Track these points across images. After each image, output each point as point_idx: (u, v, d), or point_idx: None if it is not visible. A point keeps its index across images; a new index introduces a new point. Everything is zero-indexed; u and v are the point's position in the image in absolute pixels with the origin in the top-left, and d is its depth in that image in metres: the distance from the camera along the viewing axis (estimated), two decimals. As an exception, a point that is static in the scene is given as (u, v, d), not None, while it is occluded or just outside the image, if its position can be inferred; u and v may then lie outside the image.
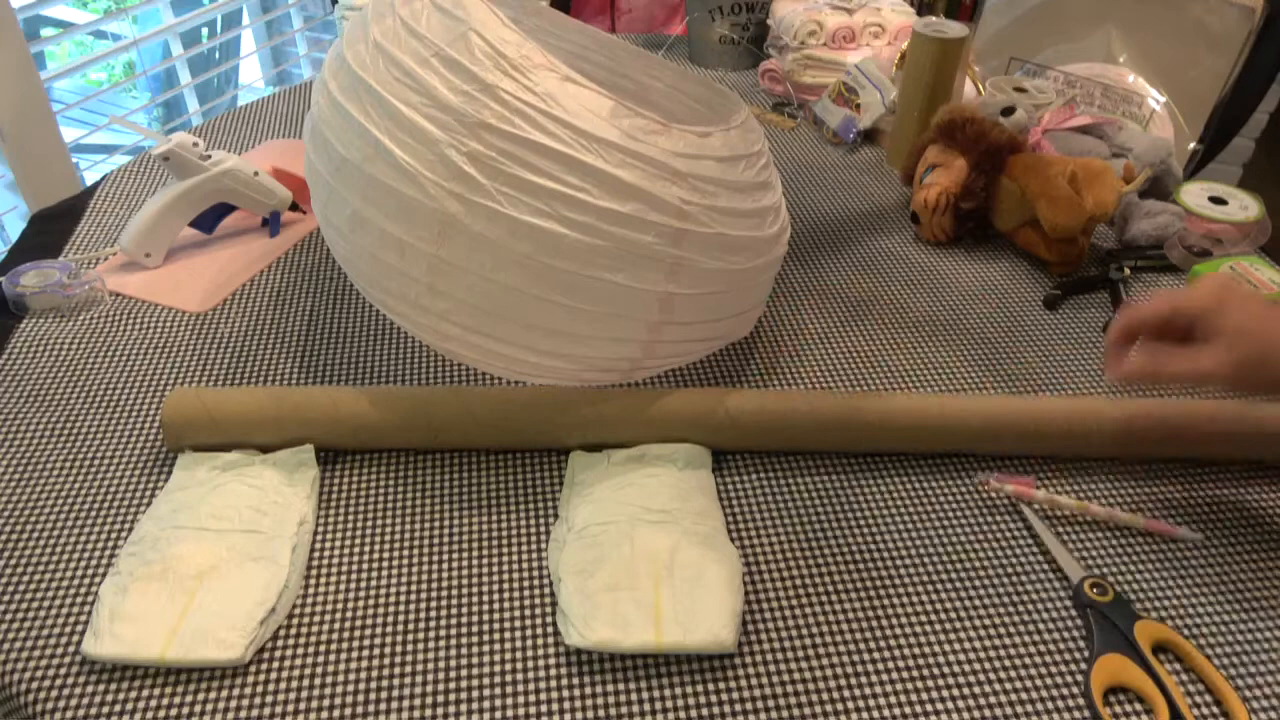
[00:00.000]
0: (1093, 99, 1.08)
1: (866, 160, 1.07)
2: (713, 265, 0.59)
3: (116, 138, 2.04)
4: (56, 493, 0.60)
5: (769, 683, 0.50)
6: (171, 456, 0.62)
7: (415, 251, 0.55)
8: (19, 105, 1.33)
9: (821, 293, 0.83)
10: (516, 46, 0.54)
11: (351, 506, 0.60)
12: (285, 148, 1.02)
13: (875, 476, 0.63)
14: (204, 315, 0.77)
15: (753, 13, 1.26)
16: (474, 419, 0.62)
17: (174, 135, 0.79)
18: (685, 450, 0.62)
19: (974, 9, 1.32)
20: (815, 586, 0.56)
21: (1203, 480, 0.64)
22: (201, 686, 0.49)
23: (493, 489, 0.61)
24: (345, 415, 0.61)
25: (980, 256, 0.89)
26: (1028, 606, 0.55)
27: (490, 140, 0.53)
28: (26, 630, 0.52)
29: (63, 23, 2.12)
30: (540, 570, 0.56)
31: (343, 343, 0.74)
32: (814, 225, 0.93)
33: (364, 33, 0.59)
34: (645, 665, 0.51)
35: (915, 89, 0.98)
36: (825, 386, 0.71)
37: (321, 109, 0.60)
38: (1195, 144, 1.07)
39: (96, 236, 0.87)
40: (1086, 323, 0.80)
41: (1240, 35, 1.01)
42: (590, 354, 0.60)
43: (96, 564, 0.56)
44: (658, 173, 0.55)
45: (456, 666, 0.51)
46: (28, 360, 0.71)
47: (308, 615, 0.53)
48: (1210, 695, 0.50)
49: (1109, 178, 0.82)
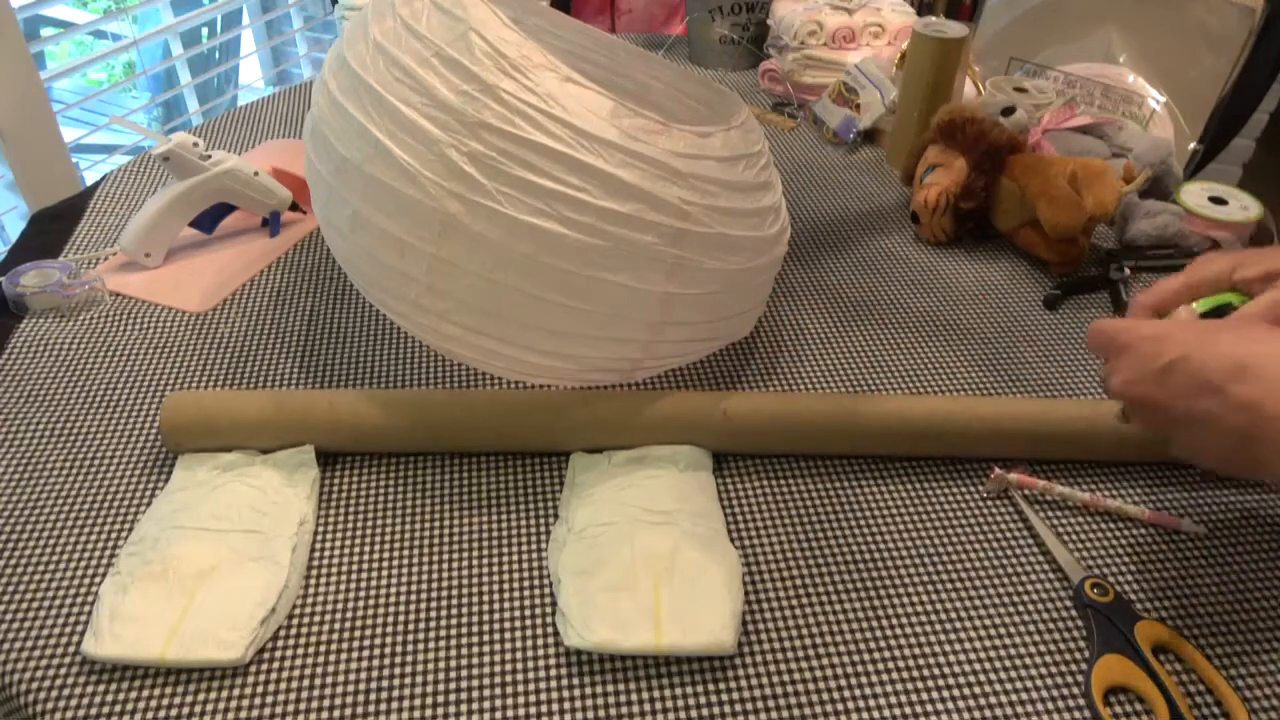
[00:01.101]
0: (1093, 99, 1.08)
1: (866, 160, 1.07)
2: (713, 265, 0.59)
3: (116, 138, 2.04)
4: (56, 493, 0.60)
5: (769, 683, 0.50)
6: (171, 456, 0.62)
7: (415, 251, 0.55)
8: (19, 105, 1.33)
9: (821, 293, 0.83)
10: (517, 46, 0.54)
11: (351, 507, 0.60)
12: (285, 148, 1.02)
13: (875, 477, 0.63)
14: (204, 315, 0.77)
15: (753, 13, 1.26)
16: (474, 423, 0.62)
17: (174, 135, 0.79)
18: (686, 452, 0.62)
19: (974, 9, 1.32)
20: (815, 587, 0.56)
21: (1204, 480, 0.64)
22: (201, 686, 0.49)
23: (493, 490, 0.61)
24: (344, 419, 0.61)
25: (980, 256, 0.89)
26: (1028, 606, 0.55)
27: (490, 140, 0.53)
28: (26, 630, 0.52)
29: (63, 23, 2.12)
30: (540, 571, 0.56)
31: (343, 343, 0.74)
32: (814, 225, 0.94)
33: (364, 33, 0.59)
34: (645, 666, 0.51)
35: (915, 89, 0.98)
36: (825, 387, 0.71)
37: (321, 109, 0.60)
38: (1195, 144, 1.07)
39: (96, 236, 0.87)
40: (1086, 323, 0.80)
41: (1240, 35, 1.01)
42: (590, 354, 0.60)
43: (96, 564, 0.56)
44: (658, 173, 0.55)
45: (456, 666, 0.51)
46: (28, 360, 0.71)
47: (308, 615, 0.53)
48: (1210, 695, 0.50)
49: (1109, 178, 0.82)
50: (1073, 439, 0.63)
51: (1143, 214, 0.89)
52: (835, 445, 0.64)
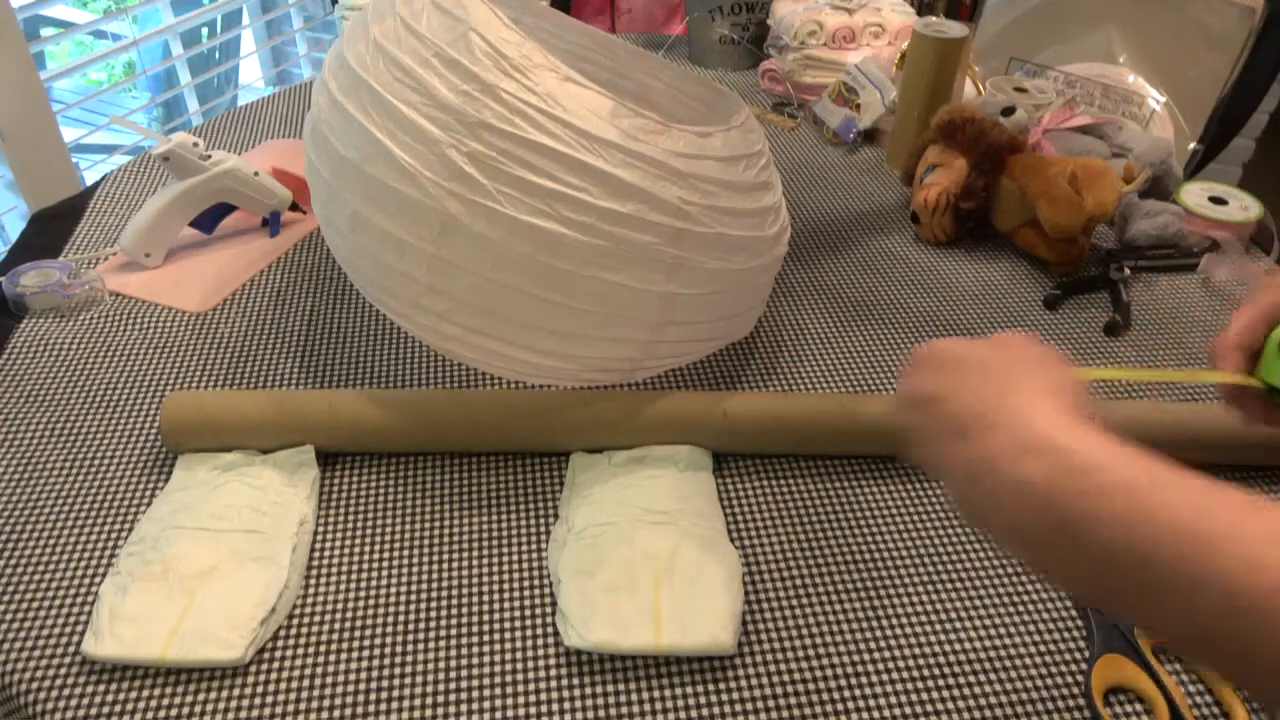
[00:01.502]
0: (1093, 99, 1.08)
1: (866, 160, 1.07)
2: (713, 265, 0.59)
3: (116, 138, 2.04)
4: (56, 493, 0.60)
5: (769, 683, 0.50)
6: (171, 456, 0.62)
7: (415, 251, 0.55)
8: (19, 105, 1.33)
9: (821, 293, 0.83)
10: (517, 46, 0.54)
11: (351, 507, 0.60)
12: (285, 148, 1.02)
13: (875, 477, 0.63)
14: (204, 315, 0.77)
15: (753, 13, 1.26)
16: (474, 423, 0.62)
17: (174, 135, 0.79)
18: (686, 452, 0.62)
19: (974, 9, 1.32)
20: (815, 587, 0.56)
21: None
22: (201, 686, 0.49)
23: (493, 490, 0.61)
24: (344, 419, 0.61)
25: (980, 256, 0.89)
26: (1028, 606, 0.55)
27: (490, 140, 0.53)
28: (26, 630, 0.52)
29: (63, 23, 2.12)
30: (540, 571, 0.56)
31: (343, 343, 0.74)
32: (814, 225, 0.93)
33: (364, 33, 0.59)
34: (645, 666, 0.51)
35: (915, 89, 0.98)
36: (825, 387, 0.71)
37: (321, 109, 0.60)
38: (1195, 144, 1.07)
39: (96, 236, 0.87)
40: (1086, 323, 0.80)
41: (1240, 35, 1.01)
42: (590, 354, 0.60)
43: (96, 564, 0.56)
44: (658, 173, 0.55)
45: (456, 666, 0.51)
46: (28, 360, 0.71)
47: (308, 615, 0.53)
48: (1210, 695, 0.50)
49: (1109, 178, 0.82)
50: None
51: (1143, 214, 0.89)
52: (835, 445, 0.64)
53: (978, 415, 0.39)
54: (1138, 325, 0.80)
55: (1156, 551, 0.31)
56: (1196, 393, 0.72)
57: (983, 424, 0.38)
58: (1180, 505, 0.32)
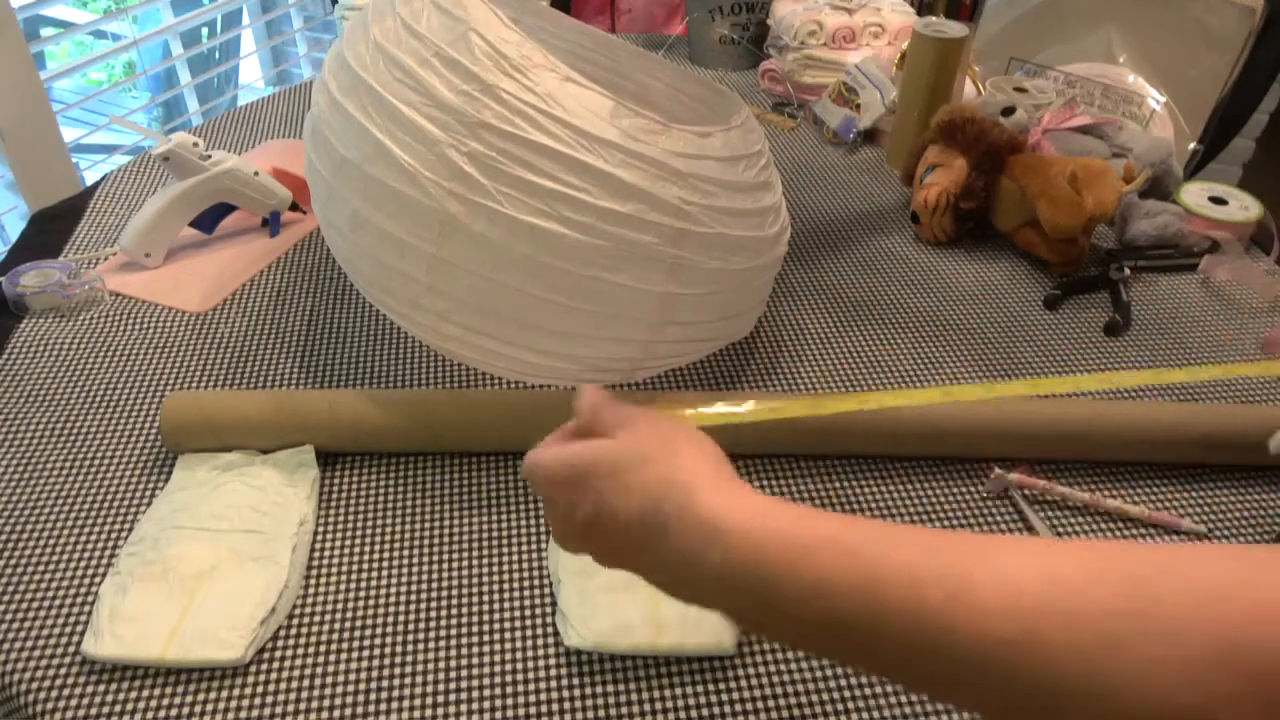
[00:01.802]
0: (1093, 99, 1.08)
1: (866, 160, 1.07)
2: (713, 265, 0.59)
3: (116, 138, 2.04)
4: (56, 493, 0.60)
5: (769, 683, 0.50)
6: (171, 456, 0.62)
7: (415, 251, 0.55)
8: (19, 105, 1.33)
9: (821, 293, 0.83)
10: (517, 46, 0.54)
11: (351, 507, 0.60)
12: (285, 148, 1.02)
13: (875, 477, 0.63)
14: (204, 315, 0.77)
15: (753, 13, 1.26)
16: (474, 423, 0.62)
17: (174, 135, 0.79)
18: (685, 450, 0.62)
19: (974, 9, 1.32)
20: (815, 587, 0.56)
21: (1204, 480, 0.64)
22: (201, 686, 0.49)
23: (493, 490, 0.61)
24: (344, 419, 0.61)
25: (980, 256, 0.89)
26: (1028, 607, 0.55)
27: (490, 140, 0.53)
28: (26, 630, 0.52)
29: (63, 23, 2.12)
30: (540, 571, 0.56)
31: (343, 343, 0.74)
32: (814, 225, 0.93)
33: (364, 33, 0.59)
34: (645, 666, 0.51)
35: (915, 89, 0.98)
36: (825, 386, 0.71)
37: (321, 109, 0.60)
38: (1195, 144, 1.07)
39: (96, 236, 0.87)
40: (1086, 323, 0.80)
41: (1240, 35, 1.01)
42: (590, 354, 0.60)
43: (96, 564, 0.56)
44: (658, 173, 0.55)
45: (456, 666, 0.51)
46: (28, 360, 0.71)
47: (308, 615, 0.53)
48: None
49: (1109, 178, 0.82)
50: (1073, 439, 0.63)
51: (1143, 214, 0.89)
52: (835, 445, 0.64)
53: (642, 526, 0.37)
54: (1138, 325, 0.80)
55: (853, 608, 0.31)
56: (1197, 392, 0.72)
57: (653, 531, 0.37)
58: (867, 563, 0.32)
